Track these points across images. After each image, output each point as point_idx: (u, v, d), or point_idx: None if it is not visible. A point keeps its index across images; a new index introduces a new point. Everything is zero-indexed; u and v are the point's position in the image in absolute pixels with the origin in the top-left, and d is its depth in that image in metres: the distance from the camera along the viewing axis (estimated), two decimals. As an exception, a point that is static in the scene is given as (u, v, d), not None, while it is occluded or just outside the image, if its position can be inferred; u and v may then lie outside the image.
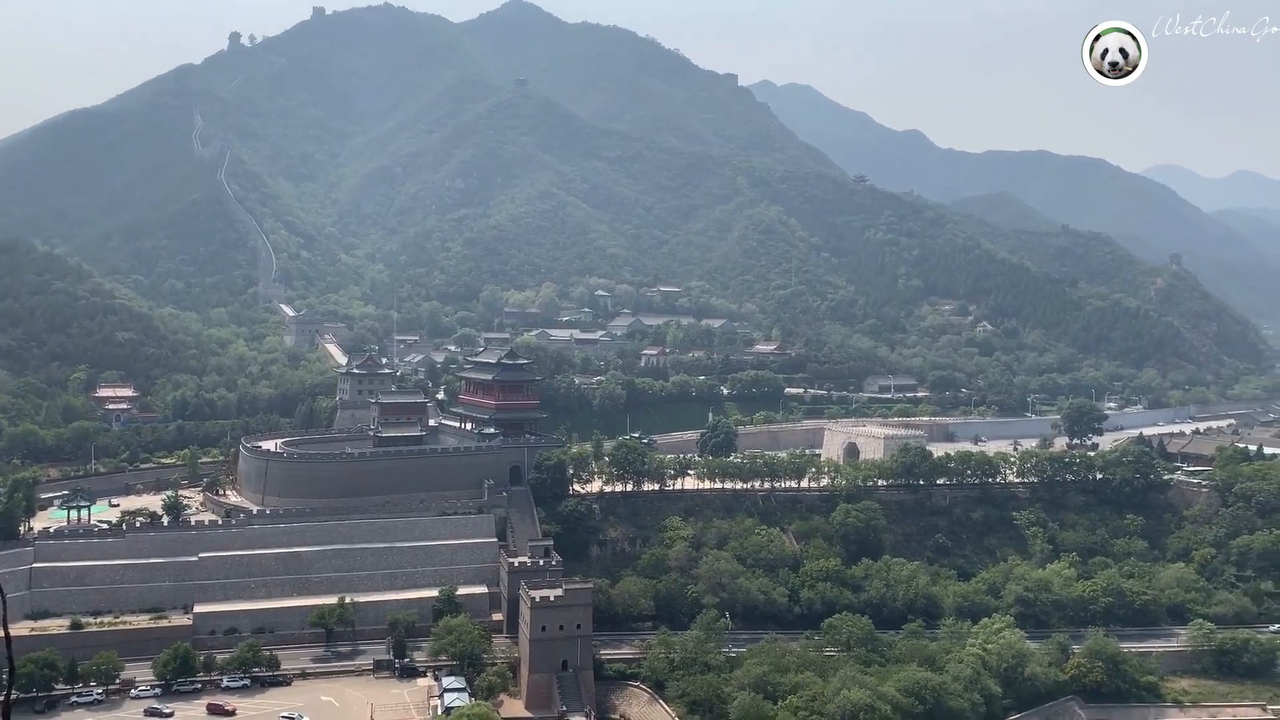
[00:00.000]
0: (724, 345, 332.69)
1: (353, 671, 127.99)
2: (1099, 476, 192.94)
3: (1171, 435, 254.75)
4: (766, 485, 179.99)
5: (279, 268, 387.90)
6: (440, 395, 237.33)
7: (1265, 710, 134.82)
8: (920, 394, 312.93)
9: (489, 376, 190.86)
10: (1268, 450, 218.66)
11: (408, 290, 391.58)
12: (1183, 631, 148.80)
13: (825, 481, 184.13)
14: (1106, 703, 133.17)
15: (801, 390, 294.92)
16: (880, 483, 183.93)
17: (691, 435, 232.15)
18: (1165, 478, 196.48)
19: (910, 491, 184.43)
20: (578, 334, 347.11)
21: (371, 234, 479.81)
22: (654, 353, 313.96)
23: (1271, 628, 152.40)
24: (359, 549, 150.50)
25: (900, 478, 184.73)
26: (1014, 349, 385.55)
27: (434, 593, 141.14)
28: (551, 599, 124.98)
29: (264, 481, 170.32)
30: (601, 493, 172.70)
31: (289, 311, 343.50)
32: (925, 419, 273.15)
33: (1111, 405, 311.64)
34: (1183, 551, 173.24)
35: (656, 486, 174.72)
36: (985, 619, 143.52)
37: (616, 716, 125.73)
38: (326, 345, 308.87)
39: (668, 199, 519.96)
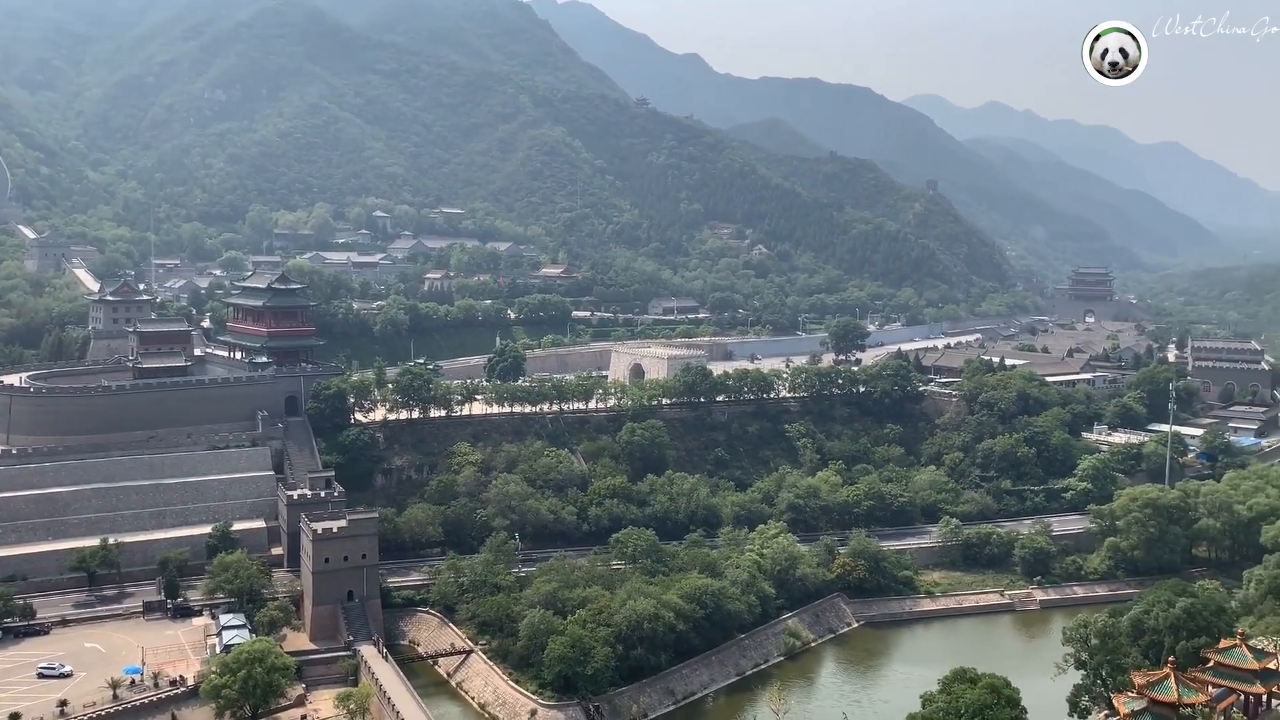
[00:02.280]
0: (510, 269, 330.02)
1: (120, 615, 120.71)
2: (862, 390, 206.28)
3: (926, 350, 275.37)
4: (555, 408, 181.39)
5: (15, 185, 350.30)
6: (206, 323, 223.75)
7: (1003, 595, 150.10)
8: (701, 315, 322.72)
9: (259, 302, 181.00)
10: (1009, 362, 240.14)
11: (165, 211, 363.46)
12: (935, 529, 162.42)
13: (612, 402, 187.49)
14: (869, 597, 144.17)
15: (588, 313, 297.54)
16: (664, 401, 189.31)
17: (479, 360, 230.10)
18: (920, 389, 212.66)
19: (692, 409, 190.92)
20: (355, 257, 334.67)
21: (122, 149, 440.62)
22: (438, 276, 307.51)
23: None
24: (121, 487, 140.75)
25: (683, 396, 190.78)
26: (787, 271, 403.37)
27: (207, 530, 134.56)
28: (334, 530, 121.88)
29: (7, 419, 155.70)
30: (386, 421, 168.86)
31: (29, 233, 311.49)
32: (706, 339, 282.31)
33: (873, 323, 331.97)
34: (935, 456, 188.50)
35: (444, 413, 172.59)
36: (761, 526, 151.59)
37: (406, 642, 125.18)
38: (75, 270, 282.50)
39: (448, 117, 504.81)
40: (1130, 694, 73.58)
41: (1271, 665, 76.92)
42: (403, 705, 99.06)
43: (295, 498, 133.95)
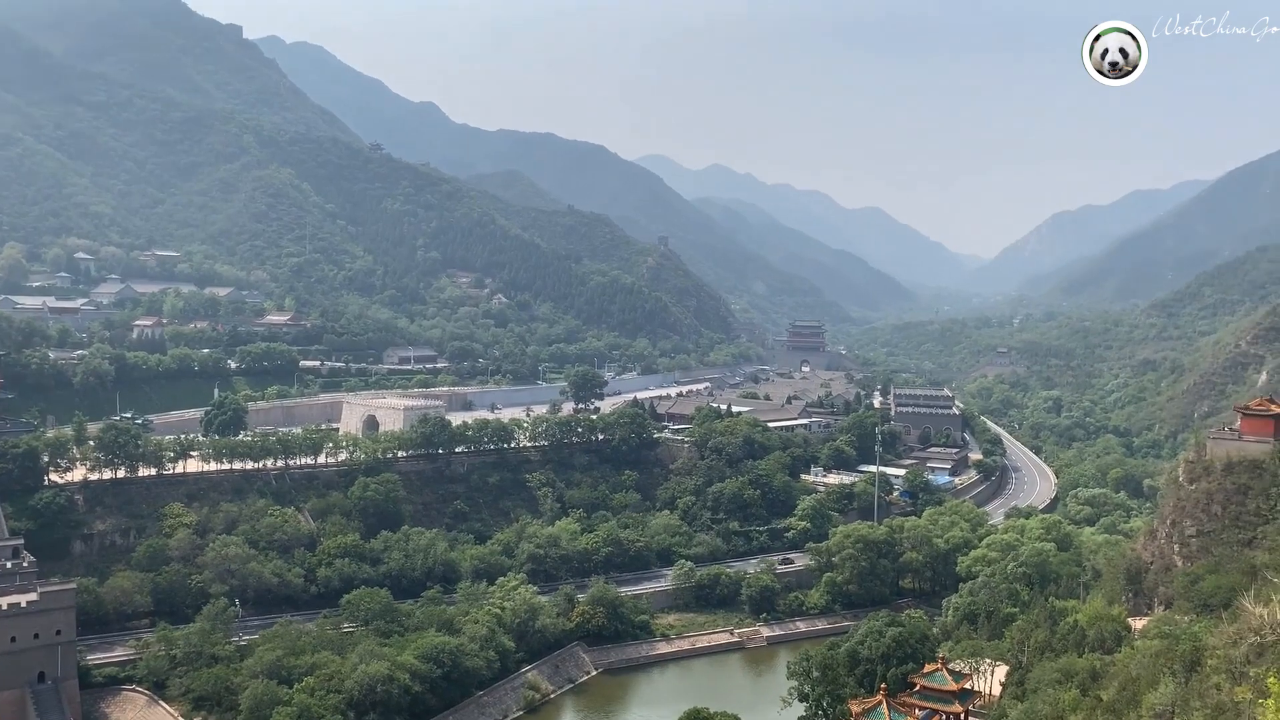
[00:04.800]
0: (232, 316, 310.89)
1: None
2: (601, 438, 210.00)
3: (660, 398, 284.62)
4: (280, 463, 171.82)
5: None
6: None
7: (733, 634, 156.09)
8: (440, 365, 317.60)
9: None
10: (736, 409, 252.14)
11: None
12: (670, 572, 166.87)
13: (344, 456, 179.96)
14: (607, 644, 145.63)
15: (318, 363, 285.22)
16: (400, 454, 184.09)
17: (195, 413, 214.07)
18: (656, 436, 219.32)
19: (430, 461, 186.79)
20: (53, 302, 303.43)
21: None
22: (149, 323, 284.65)
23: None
24: None
25: (420, 448, 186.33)
26: (527, 320, 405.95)
27: None
28: (23, 605, 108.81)
29: None
30: (87, 482, 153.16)
31: None
32: (444, 389, 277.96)
33: (611, 372, 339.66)
34: (670, 501, 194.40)
35: (154, 471, 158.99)
36: (502, 578, 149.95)
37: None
38: None
39: (164, 154, 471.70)
40: (849, 721, 78.12)
41: (968, 685, 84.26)
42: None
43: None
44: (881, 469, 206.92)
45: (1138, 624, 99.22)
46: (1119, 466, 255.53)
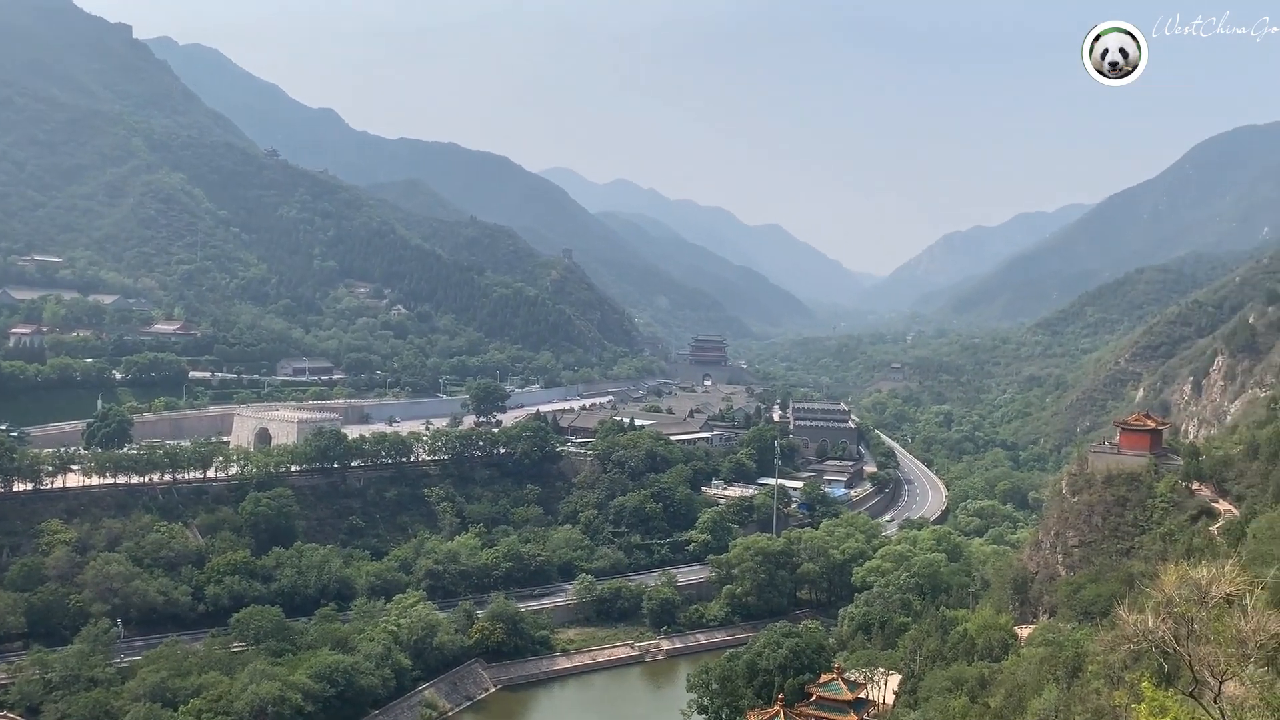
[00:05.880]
0: (117, 324, 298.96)
1: None
2: (502, 451, 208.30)
3: (564, 411, 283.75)
4: (168, 478, 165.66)
5: None
6: None
7: (633, 647, 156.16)
8: (336, 376, 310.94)
9: None
10: (639, 422, 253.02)
11: None
12: (571, 586, 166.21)
13: (235, 470, 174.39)
14: (507, 660, 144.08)
15: (209, 374, 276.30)
16: (294, 468, 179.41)
17: (76, 425, 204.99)
18: (558, 449, 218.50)
19: (325, 475, 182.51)
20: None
21: None
22: (27, 331, 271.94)
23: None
24: None
25: (314, 462, 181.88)
26: (427, 332, 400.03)
27: None
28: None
29: None
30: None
31: None
32: (341, 401, 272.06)
33: (514, 385, 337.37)
34: (571, 514, 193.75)
35: (30, 486, 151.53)
36: (399, 595, 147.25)
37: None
38: None
39: (45, 155, 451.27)
40: (747, 733, 78.88)
41: (863, 694, 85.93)
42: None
43: None
44: (780, 482, 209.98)
45: (1024, 632, 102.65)
46: (1006, 479, 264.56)
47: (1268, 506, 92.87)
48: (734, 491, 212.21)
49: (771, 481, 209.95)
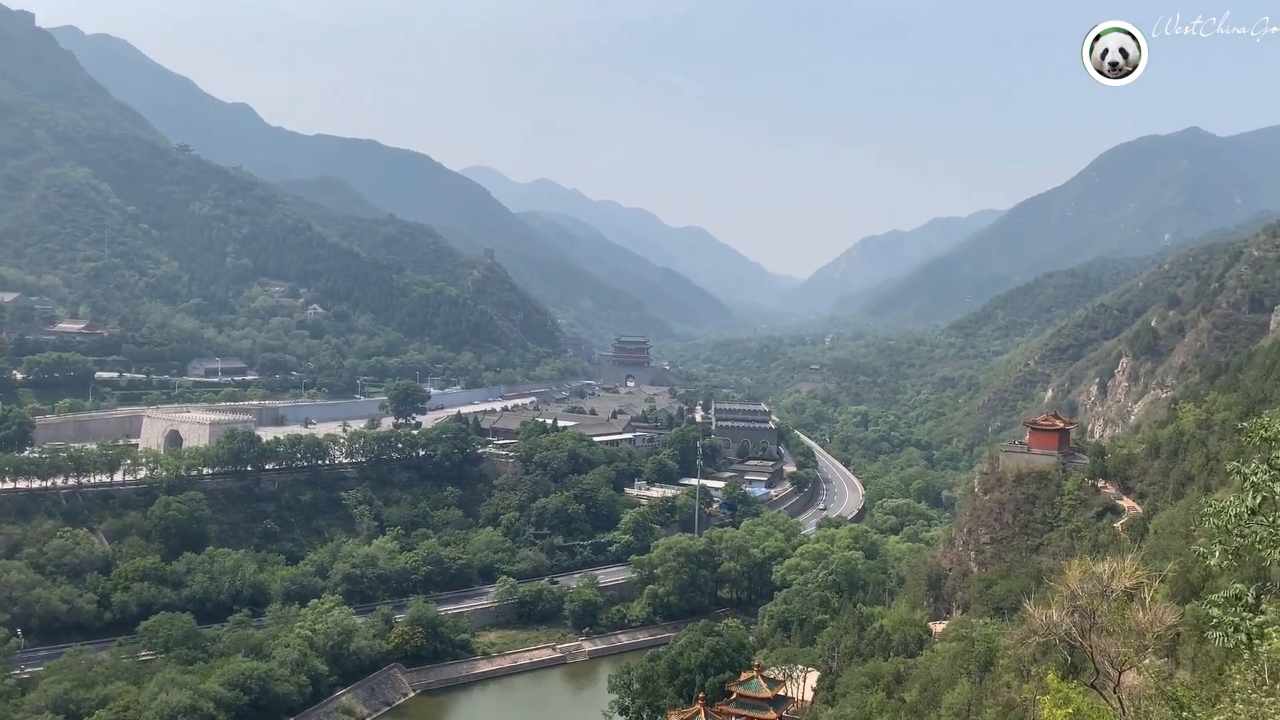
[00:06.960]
0: (19, 323, 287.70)
1: None
2: (422, 453, 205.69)
3: (485, 412, 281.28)
4: (72, 481, 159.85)
5: None
6: None
7: (555, 649, 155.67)
8: (250, 377, 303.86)
9: None
10: (561, 423, 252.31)
11: None
12: (492, 589, 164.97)
13: (143, 474, 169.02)
14: (426, 664, 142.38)
15: (116, 374, 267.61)
16: (205, 471, 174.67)
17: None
18: (479, 451, 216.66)
19: (238, 478, 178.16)
20: None
21: None
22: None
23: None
24: None
25: (227, 465, 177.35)
26: (345, 332, 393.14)
27: None
28: None
29: None
30: None
31: None
32: (255, 403, 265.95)
33: (434, 386, 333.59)
34: (493, 517, 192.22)
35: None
36: (315, 600, 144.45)
37: None
38: None
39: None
40: (668, 732, 79.25)
41: (782, 692, 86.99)
42: None
43: None
44: (702, 482, 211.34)
45: (938, 628, 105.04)
46: (921, 478, 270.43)
47: (1169, 503, 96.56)
48: (656, 492, 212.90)
49: (694, 482, 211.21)
